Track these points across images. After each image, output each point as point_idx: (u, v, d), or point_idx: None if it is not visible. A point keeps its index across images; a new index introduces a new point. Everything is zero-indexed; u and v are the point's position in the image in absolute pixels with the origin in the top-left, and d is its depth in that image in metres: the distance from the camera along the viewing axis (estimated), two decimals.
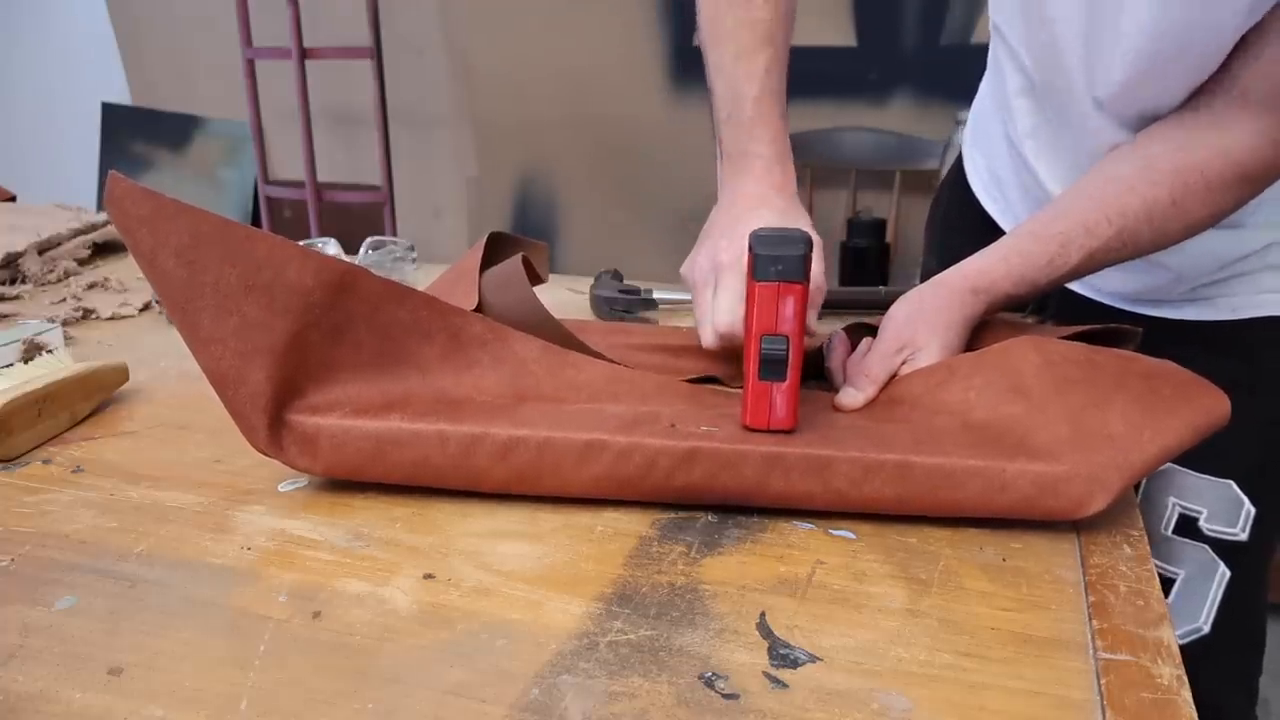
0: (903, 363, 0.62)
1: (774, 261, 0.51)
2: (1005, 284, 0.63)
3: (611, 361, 0.62)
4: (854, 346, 0.67)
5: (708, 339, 0.63)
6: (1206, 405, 0.53)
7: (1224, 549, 0.76)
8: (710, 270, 0.63)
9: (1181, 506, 0.76)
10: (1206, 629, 0.77)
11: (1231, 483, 0.75)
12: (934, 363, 0.61)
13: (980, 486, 0.49)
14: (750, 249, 0.52)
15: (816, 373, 0.67)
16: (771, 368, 0.51)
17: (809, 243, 0.51)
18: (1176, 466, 0.75)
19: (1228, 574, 0.76)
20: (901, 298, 0.65)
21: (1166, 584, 0.77)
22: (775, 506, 0.52)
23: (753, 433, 0.52)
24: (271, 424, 0.51)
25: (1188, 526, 0.76)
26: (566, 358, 0.59)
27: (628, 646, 0.42)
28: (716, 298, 0.62)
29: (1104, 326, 0.65)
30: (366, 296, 0.54)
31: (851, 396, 0.61)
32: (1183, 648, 0.74)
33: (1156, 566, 0.76)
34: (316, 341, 0.52)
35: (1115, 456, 0.49)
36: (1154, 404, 0.52)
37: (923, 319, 0.63)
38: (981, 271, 0.64)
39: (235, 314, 0.50)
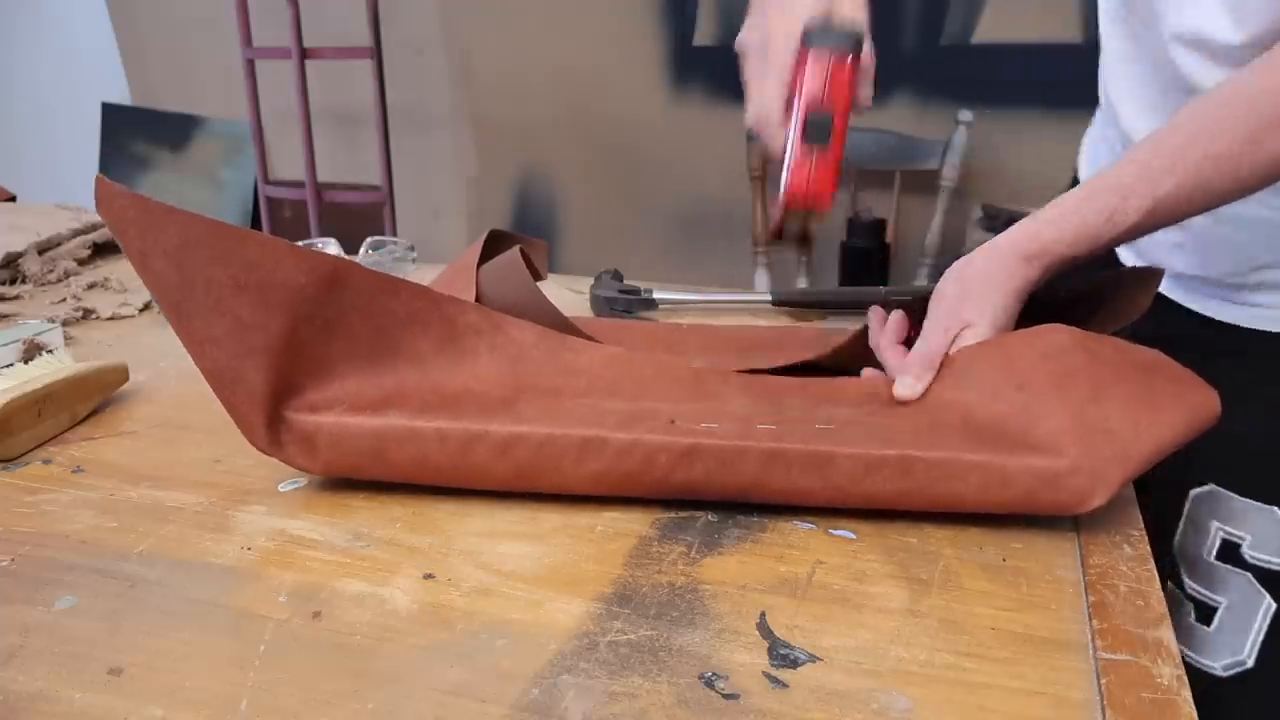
0: (953, 340, 0.58)
1: (826, 34, 0.53)
2: (1059, 246, 0.58)
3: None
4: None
5: (749, 115, 0.59)
6: (1199, 402, 0.53)
7: (1268, 578, 0.71)
8: (760, 39, 0.58)
9: (1224, 531, 0.72)
10: (1250, 662, 0.72)
11: (1276, 509, 0.70)
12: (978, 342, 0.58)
13: (982, 481, 0.49)
14: (804, 29, 0.55)
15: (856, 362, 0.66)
16: (815, 130, 0.53)
17: (860, 35, 0.55)
18: (1221, 489, 0.72)
19: (1273, 606, 0.71)
20: (950, 268, 0.61)
21: (1208, 612, 0.74)
22: (776, 503, 0.52)
23: (753, 429, 0.52)
24: (269, 422, 0.51)
25: (1230, 552, 0.72)
26: (565, 342, 0.59)
27: (628, 646, 0.42)
28: (763, 77, 0.58)
29: (1122, 270, 0.63)
30: (359, 289, 0.54)
31: (909, 387, 0.57)
32: (1224, 680, 0.72)
33: (1198, 593, 0.72)
34: (311, 338, 0.52)
35: (1116, 451, 0.49)
36: (1150, 399, 0.52)
37: (971, 292, 0.59)
38: (1032, 235, 0.58)
39: (228, 314, 0.50)
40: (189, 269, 0.49)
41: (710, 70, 2.01)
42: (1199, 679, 0.71)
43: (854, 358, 0.66)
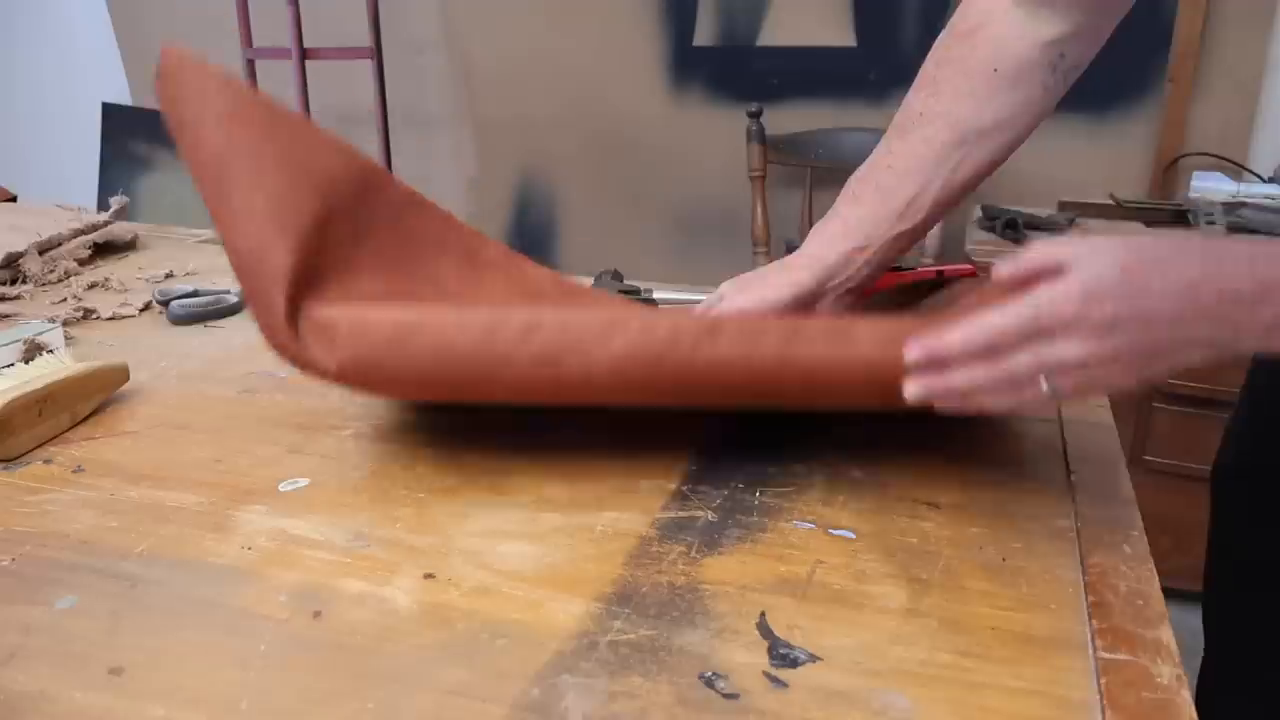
0: None
1: None
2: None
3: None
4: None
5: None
6: None
7: None
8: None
9: None
10: None
11: None
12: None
13: None
14: None
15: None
16: None
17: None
18: None
19: None
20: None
21: None
22: (797, 405, 0.52)
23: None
24: (290, 311, 0.51)
25: None
26: (578, 290, 0.62)
27: (628, 646, 0.42)
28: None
29: None
30: (391, 200, 0.56)
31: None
32: None
33: None
34: (339, 236, 0.54)
35: None
36: None
37: None
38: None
39: (268, 188, 0.51)
40: (237, 137, 0.51)
41: (710, 70, 2.01)
42: None
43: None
